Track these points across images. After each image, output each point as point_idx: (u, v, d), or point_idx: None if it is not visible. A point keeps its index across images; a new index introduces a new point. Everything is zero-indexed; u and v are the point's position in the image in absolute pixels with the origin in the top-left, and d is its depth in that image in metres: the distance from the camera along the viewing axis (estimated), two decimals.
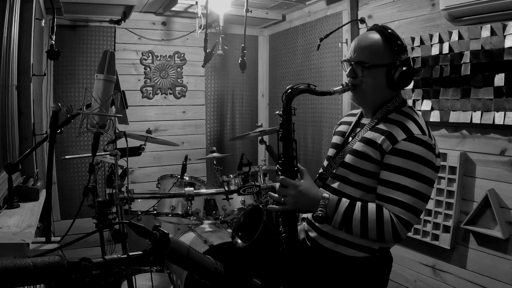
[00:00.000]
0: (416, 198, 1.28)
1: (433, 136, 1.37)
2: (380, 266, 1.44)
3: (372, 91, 1.41)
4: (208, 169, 4.28)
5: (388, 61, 1.38)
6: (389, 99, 1.42)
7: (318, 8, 3.59)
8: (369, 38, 1.41)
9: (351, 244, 1.39)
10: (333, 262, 1.42)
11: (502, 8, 2.06)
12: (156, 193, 2.68)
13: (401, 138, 1.30)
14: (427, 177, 1.29)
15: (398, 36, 1.41)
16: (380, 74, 1.38)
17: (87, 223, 2.73)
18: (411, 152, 1.28)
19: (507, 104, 2.08)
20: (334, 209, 1.32)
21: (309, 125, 3.76)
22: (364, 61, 1.38)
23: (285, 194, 1.36)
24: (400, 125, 1.33)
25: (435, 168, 1.33)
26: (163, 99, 4.06)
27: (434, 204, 2.49)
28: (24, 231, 1.53)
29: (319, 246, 1.46)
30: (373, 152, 1.34)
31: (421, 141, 1.30)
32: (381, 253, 1.41)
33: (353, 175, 1.38)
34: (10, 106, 2.20)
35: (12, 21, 2.07)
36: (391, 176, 1.30)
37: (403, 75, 1.37)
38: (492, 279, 2.23)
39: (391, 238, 1.28)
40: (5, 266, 0.69)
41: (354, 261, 1.39)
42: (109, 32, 3.74)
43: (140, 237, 0.86)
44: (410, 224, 1.28)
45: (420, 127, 1.33)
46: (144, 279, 2.84)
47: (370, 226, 1.28)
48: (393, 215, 1.27)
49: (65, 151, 3.54)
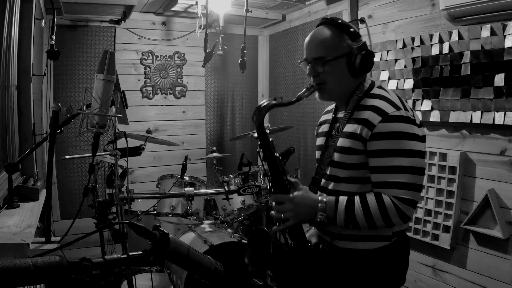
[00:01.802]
0: (411, 174, 1.27)
1: (409, 107, 1.36)
2: (398, 251, 1.41)
3: (337, 85, 1.40)
4: (208, 169, 4.28)
5: (345, 50, 1.37)
6: (357, 87, 1.41)
7: (318, 8, 3.59)
8: (321, 33, 1.40)
9: (366, 237, 1.36)
10: (353, 259, 1.39)
11: (502, 8, 2.06)
12: (156, 193, 2.68)
13: (377, 122, 1.29)
14: (414, 150, 1.29)
15: (348, 24, 1.40)
16: (341, 65, 1.38)
17: (87, 223, 2.72)
18: (390, 132, 1.28)
19: (507, 104, 2.08)
20: (334, 209, 1.31)
21: (309, 125, 3.76)
22: (322, 56, 1.37)
23: (284, 211, 1.35)
24: (373, 108, 1.32)
25: (420, 138, 1.33)
26: (163, 99, 4.06)
27: (434, 204, 2.49)
28: (24, 231, 1.53)
29: (334, 247, 1.43)
30: (355, 144, 1.33)
31: (397, 117, 1.29)
32: (398, 237, 1.39)
33: (344, 172, 1.37)
34: (10, 106, 2.20)
35: (12, 21, 2.07)
36: (380, 161, 1.29)
37: (363, 60, 1.36)
38: (492, 279, 2.23)
39: (399, 220, 1.26)
40: (5, 266, 0.69)
41: (374, 253, 1.37)
42: (109, 32, 3.74)
43: (140, 237, 0.86)
44: (414, 201, 1.27)
45: (392, 103, 1.32)
46: (144, 279, 2.84)
47: (374, 216, 1.27)
48: (394, 198, 1.26)
49: (65, 151, 3.53)
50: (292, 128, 3.73)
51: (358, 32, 1.41)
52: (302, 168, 3.75)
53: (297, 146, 3.84)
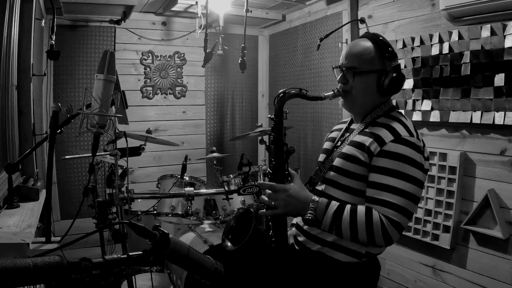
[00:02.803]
0: (405, 199, 1.28)
1: (421, 139, 1.39)
2: (366, 273, 1.43)
3: (362, 96, 1.43)
4: (208, 169, 4.28)
5: (379, 67, 1.40)
6: (378, 105, 1.44)
7: (318, 8, 3.59)
8: (360, 45, 1.43)
9: (338, 247, 1.39)
10: (320, 265, 1.42)
11: (502, 8, 2.06)
12: (156, 193, 2.68)
13: (388, 140, 1.31)
14: (415, 178, 1.30)
15: (389, 43, 1.43)
16: (371, 80, 1.41)
17: (87, 223, 2.73)
18: (398, 153, 1.29)
19: (507, 104, 2.08)
20: (324, 212, 1.32)
21: (309, 125, 3.76)
22: (355, 66, 1.41)
23: (275, 199, 1.36)
24: (388, 127, 1.35)
25: (424, 170, 1.34)
26: (163, 99, 4.06)
27: (434, 204, 2.49)
28: (24, 231, 1.53)
29: (307, 249, 1.46)
30: (361, 155, 1.34)
31: (409, 142, 1.31)
32: (368, 259, 1.41)
33: (342, 178, 1.39)
34: (10, 106, 2.20)
35: (12, 21, 2.07)
36: (380, 178, 1.30)
37: (393, 82, 1.39)
38: (492, 279, 2.23)
39: (382, 240, 1.27)
40: (5, 266, 0.69)
41: (341, 266, 1.39)
42: (109, 32, 3.74)
43: (140, 237, 0.86)
44: (401, 226, 1.27)
45: (407, 129, 1.35)
46: (144, 279, 2.84)
47: (359, 228, 1.27)
48: (383, 217, 1.26)
49: (65, 151, 3.54)
50: (292, 128, 3.73)
51: (396, 54, 1.43)
52: (302, 168, 3.76)
53: (297, 146, 3.84)
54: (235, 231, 1.51)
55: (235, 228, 1.52)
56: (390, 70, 1.39)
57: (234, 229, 1.52)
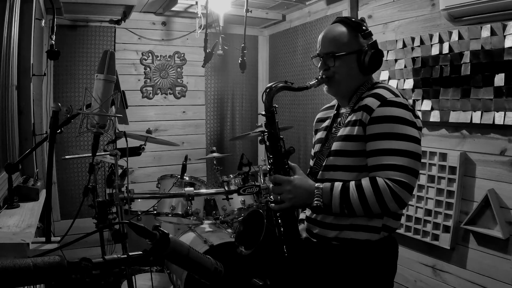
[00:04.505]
0: (405, 157, 1.27)
1: (408, 102, 1.39)
2: (386, 250, 1.42)
3: (346, 79, 1.45)
4: (208, 169, 4.28)
5: (356, 47, 1.42)
6: (362, 84, 1.46)
7: (318, 8, 3.60)
8: (334, 30, 1.45)
9: (355, 226, 1.37)
10: (341, 250, 1.40)
11: (502, 8, 2.06)
12: (156, 193, 2.68)
13: (376, 106, 1.32)
14: (410, 135, 1.30)
15: (361, 23, 1.45)
16: (351, 61, 1.43)
17: (87, 223, 2.72)
18: (387, 116, 1.30)
19: (507, 104, 2.08)
20: (330, 195, 1.32)
21: (309, 125, 3.76)
22: (333, 51, 1.43)
23: (280, 192, 1.37)
24: (373, 95, 1.36)
25: (418, 128, 1.35)
26: (163, 99, 4.06)
27: (434, 204, 2.49)
28: (24, 231, 1.53)
29: (325, 239, 1.44)
30: (356, 130, 1.36)
31: (395, 103, 1.32)
32: (386, 234, 1.39)
33: (343, 159, 1.39)
34: (10, 106, 2.20)
35: (12, 21, 2.07)
36: (376, 144, 1.31)
37: (373, 58, 1.41)
38: (492, 279, 2.23)
39: (394, 204, 1.25)
40: (5, 266, 0.69)
41: (361, 245, 1.37)
42: (109, 32, 3.74)
43: (140, 237, 0.86)
44: (408, 185, 1.26)
45: (392, 92, 1.36)
46: (144, 279, 2.84)
47: (369, 199, 1.26)
48: (388, 181, 1.25)
49: (65, 151, 3.54)
50: (292, 128, 3.74)
51: (370, 31, 1.45)
52: (302, 168, 3.75)
53: (297, 146, 3.84)
54: (246, 234, 1.49)
55: (246, 232, 1.50)
56: (368, 48, 1.41)
57: (244, 233, 1.51)
